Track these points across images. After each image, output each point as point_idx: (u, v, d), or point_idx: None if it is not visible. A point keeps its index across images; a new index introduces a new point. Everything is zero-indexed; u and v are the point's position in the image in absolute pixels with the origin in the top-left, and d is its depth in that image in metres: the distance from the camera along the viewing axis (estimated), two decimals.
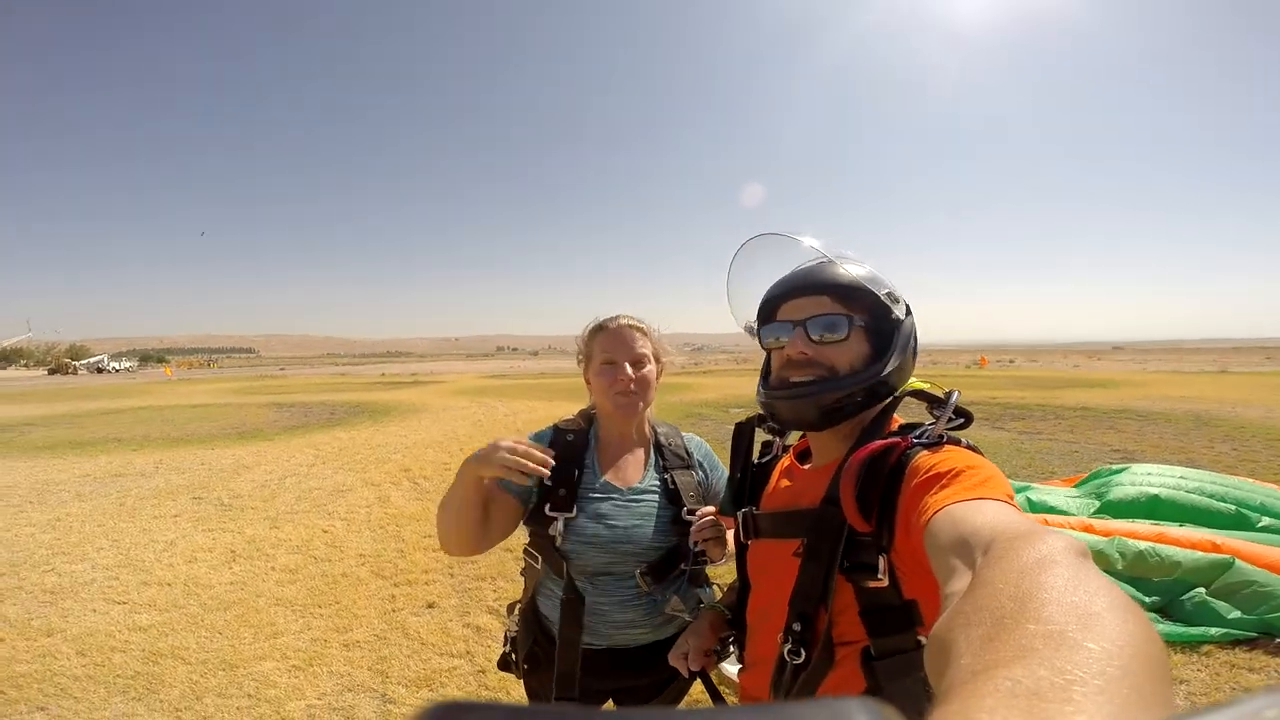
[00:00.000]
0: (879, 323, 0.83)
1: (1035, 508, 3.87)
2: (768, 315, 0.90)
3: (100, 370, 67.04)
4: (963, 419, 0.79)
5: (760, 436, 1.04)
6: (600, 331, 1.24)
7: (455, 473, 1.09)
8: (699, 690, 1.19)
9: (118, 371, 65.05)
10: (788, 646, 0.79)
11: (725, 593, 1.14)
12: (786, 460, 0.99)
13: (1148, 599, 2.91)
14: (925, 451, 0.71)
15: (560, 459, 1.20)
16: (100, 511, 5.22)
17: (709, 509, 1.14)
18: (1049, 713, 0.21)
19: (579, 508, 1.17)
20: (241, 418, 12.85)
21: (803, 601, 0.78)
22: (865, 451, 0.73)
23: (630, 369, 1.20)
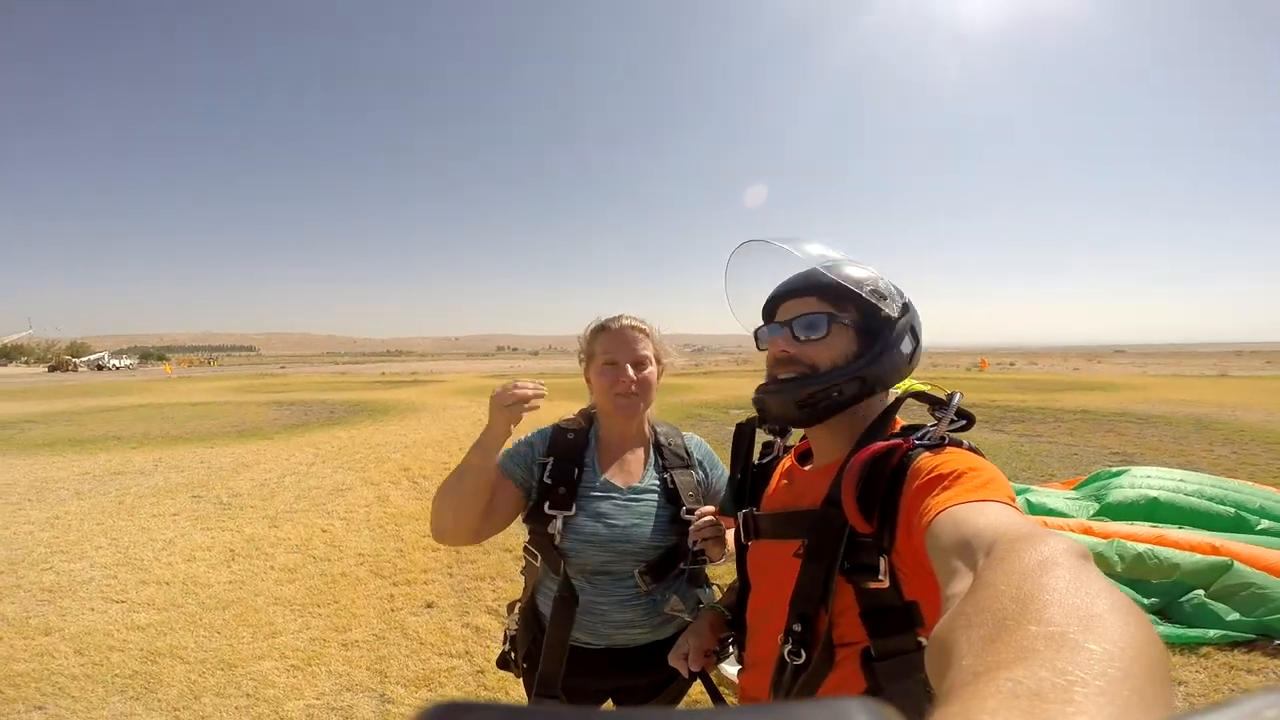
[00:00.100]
0: (869, 320, 0.84)
1: (1035, 510, 3.87)
2: (767, 318, 0.93)
3: (101, 368, 67.06)
4: (965, 421, 0.79)
5: (761, 437, 1.04)
6: (603, 331, 1.25)
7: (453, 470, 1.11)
8: (699, 690, 1.19)
9: (118, 369, 65.04)
10: (788, 647, 0.79)
11: (725, 593, 1.14)
12: (787, 461, 0.99)
13: (1146, 601, 2.91)
14: (927, 453, 0.72)
15: (560, 457, 1.21)
16: (99, 510, 5.22)
17: (708, 508, 1.14)
18: (1050, 713, 0.21)
19: (578, 506, 1.17)
20: (241, 416, 12.84)
21: (803, 602, 0.78)
22: (867, 452, 0.73)
23: (632, 370, 1.20)
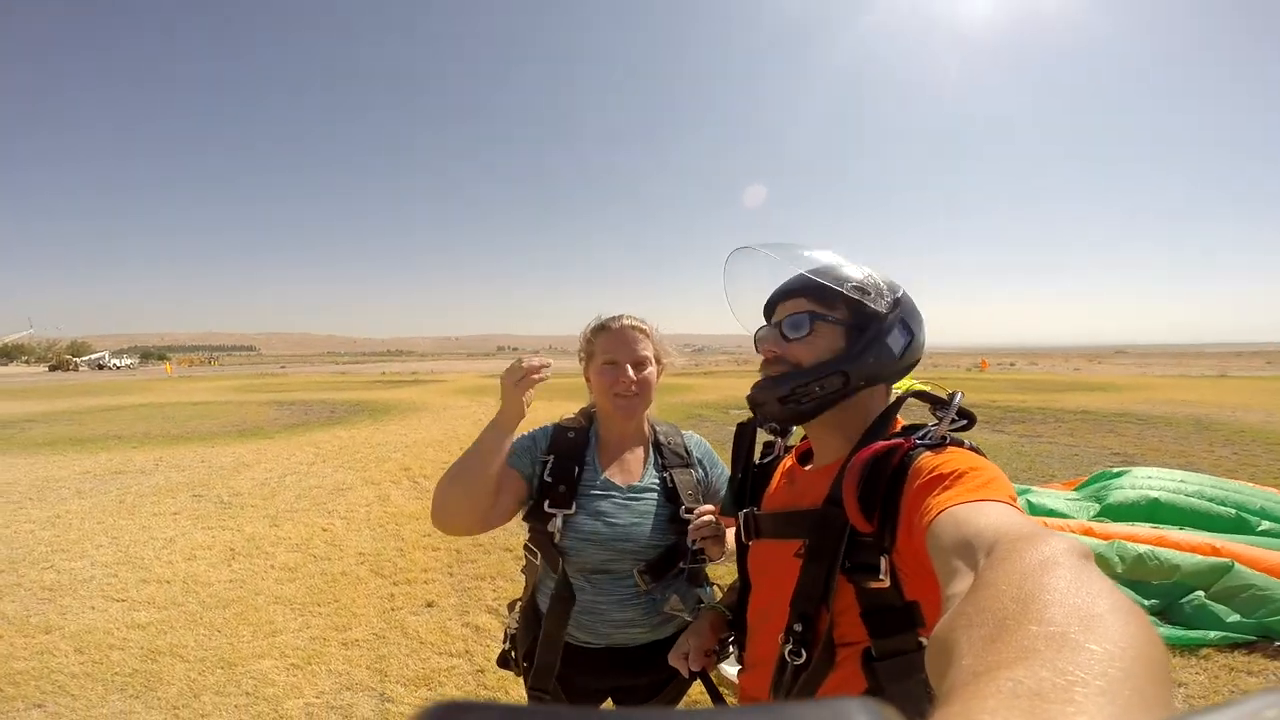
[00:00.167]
0: (859, 318, 0.84)
1: (1035, 511, 3.86)
2: (766, 321, 0.95)
3: (101, 367, 67.16)
4: (966, 420, 0.79)
5: (762, 437, 1.04)
6: (603, 331, 1.25)
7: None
8: (699, 690, 1.19)
9: (119, 368, 65.11)
10: (788, 647, 0.79)
11: (725, 593, 1.14)
12: (788, 461, 0.99)
13: (1147, 602, 2.91)
14: (928, 452, 0.71)
15: (561, 456, 1.21)
16: (100, 509, 5.22)
17: (707, 507, 1.14)
18: (1051, 713, 0.21)
19: (578, 504, 1.17)
20: (242, 415, 12.85)
21: (804, 602, 0.78)
22: (868, 452, 0.73)
23: (632, 370, 1.20)
